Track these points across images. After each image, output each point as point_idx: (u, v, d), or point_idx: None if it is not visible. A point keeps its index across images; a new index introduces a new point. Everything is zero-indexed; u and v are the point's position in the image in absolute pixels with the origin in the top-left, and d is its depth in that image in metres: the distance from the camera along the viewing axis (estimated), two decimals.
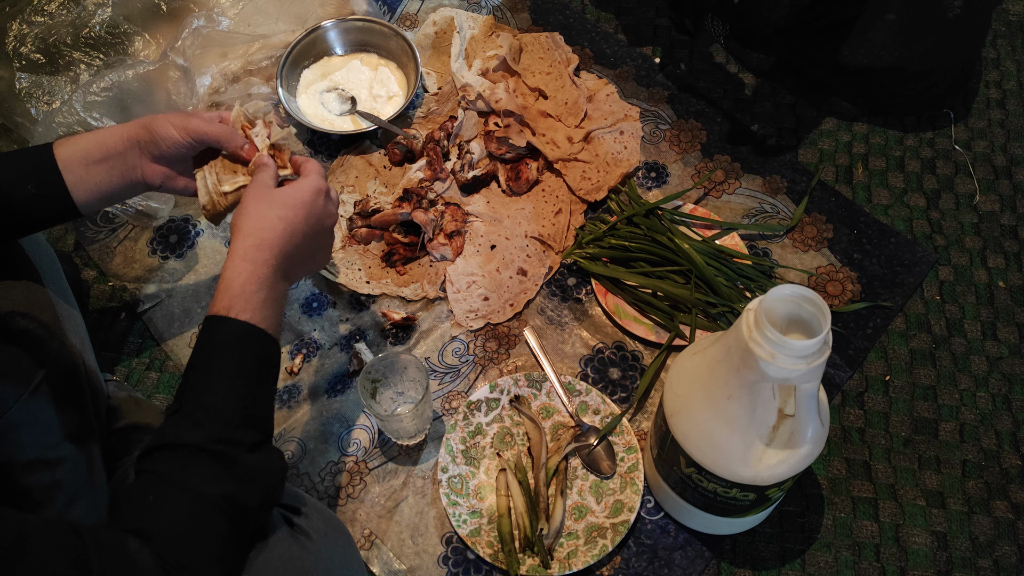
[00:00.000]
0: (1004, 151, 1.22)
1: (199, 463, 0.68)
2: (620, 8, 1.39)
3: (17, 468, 0.80)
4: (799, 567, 0.95)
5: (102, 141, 0.85)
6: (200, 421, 0.70)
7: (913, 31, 1.14)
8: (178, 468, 0.68)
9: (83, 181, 0.84)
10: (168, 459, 0.69)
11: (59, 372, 0.86)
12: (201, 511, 0.67)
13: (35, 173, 0.83)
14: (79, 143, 0.85)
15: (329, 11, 1.34)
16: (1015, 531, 0.96)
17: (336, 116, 1.26)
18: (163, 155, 0.87)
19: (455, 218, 1.16)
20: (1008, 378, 1.05)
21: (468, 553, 0.96)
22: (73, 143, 0.84)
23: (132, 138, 0.86)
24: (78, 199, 0.84)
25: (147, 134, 0.86)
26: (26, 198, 0.82)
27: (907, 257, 1.13)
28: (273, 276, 0.78)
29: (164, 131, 0.85)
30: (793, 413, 0.75)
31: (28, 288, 0.88)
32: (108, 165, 0.85)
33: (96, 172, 0.84)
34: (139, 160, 0.87)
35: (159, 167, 0.88)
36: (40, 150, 0.84)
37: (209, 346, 0.75)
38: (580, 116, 1.24)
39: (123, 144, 0.86)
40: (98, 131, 0.87)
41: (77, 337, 0.91)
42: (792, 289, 0.71)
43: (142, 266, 1.19)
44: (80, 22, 1.28)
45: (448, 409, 1.06)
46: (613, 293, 1.11)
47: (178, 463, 0.68)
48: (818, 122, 1.26)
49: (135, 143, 0.86)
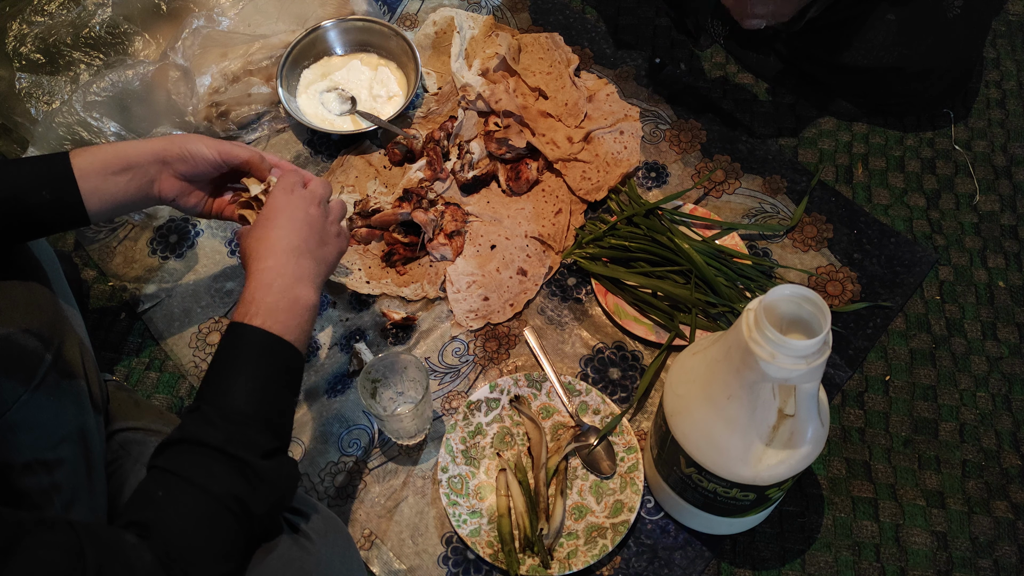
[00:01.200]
0: (1004, 151, 1.22)
1: (212, 462, 0.69)
2: (620, 8, 1.39)
3: (15, 469, 0.80)
4: (799, 567, 0.95)
5: (124, 154, 0.87)
6: (216, 421, 0.71)
7: (913, 31, 1.14)
8: (190, 465, 0.69)
9: (98, 191, 0.85)
10: (181, 456, 0.69)
11: (59, 372, 0.86)
12: (208, 510, 0.67)
13: (51, 180, 0.84)
14: (97, 154, 0.86)
15: (329, 11, 1.34)
16: (1015, 531, 0.96)
17: (336, 116, 1.26)
18: (188, 172, 0.90)
19: (455, 218, 1.16)
20: (1008, 378, 1.05)
21: (468, 553, 0.96)
22: (91, 153, 0.86)
23: (158, 153, 0.88)
24: (91, 208, 0.85)
25: (177, 150, 0.89)
26: (40, 204, 0.83)
27: (907, 257, 1.13)
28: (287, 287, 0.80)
29: (196, 148, 0.89)
30: (793, 413, 0.75)
31: (29, 288, 0.88)
32: (127, 177, 0.87)
33: (114, 183, 0.86)
34: (160, 175, 0.89)
35: (177, 182, 0.91)
36: (56, 158, 0.85)
37: (232, 349, 0.76)
38: (580, 117, 1.24)
39: (146, 158, 0.88)
40: (119, 143, 0.89)
41: (77, 337, 0.91)
42: (792, 289, 0.71)
43: (142, 266, 1.19)
44: (80, 22, 1.27)
45: (448, 409, 1.06)
46: (613, 293, 1.11)
47: (191, 460, 0.69)
48: (818, 122, 1.26)
49: (160, 158, 0.88)
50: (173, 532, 0.65)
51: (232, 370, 0.75)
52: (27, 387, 0.82)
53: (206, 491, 0.67)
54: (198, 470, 0.68)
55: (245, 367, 0.75)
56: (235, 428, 0.71)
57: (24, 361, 0.83)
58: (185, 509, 0.67)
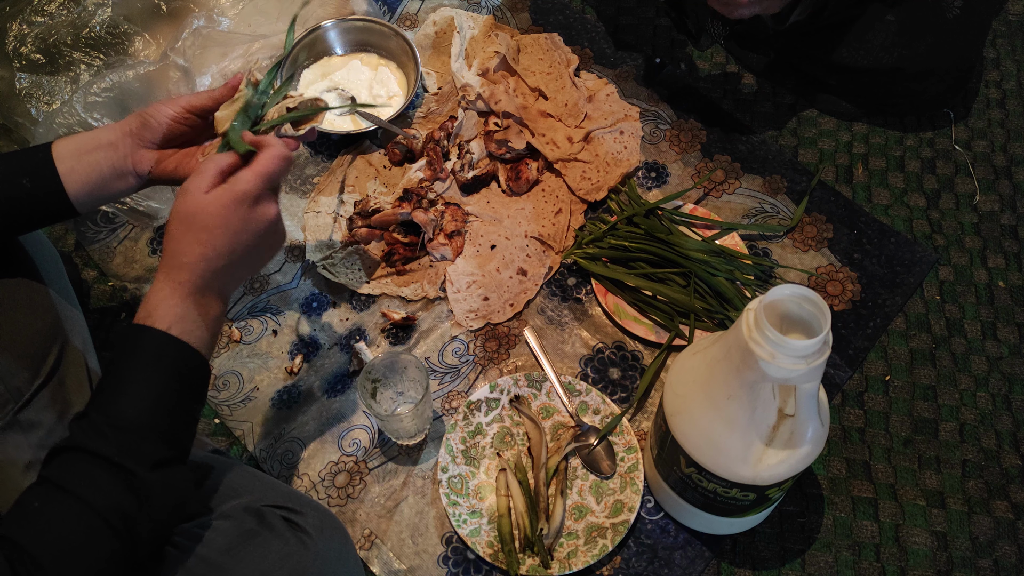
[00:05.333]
0: (1004, 151, 1.22)
1: (96, 472, 0.65)
2: (620, 8, 1.39)
3: (18, 469, 0.80)
4: (799, 567, 0.95)
5: (97, 134, 0.86)
6: (104, 429, 0.67)
7: (913, 31, 1.14)
8: (73, 475, 0.65)
9: (74, 171, 0.83)
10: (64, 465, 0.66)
11: (62, 373, 0.86)
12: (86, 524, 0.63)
13: (31, 168, 0.83)
14: (75, 137, 0.85)
15: (329, 11, 1.34)
16: (1015, 531, 0.96)
17: (336, 116, 1.26)
18: (157, 138, 0.87)
19: (455, 218, 1.16)
20: (1008, 378, 1.05)
21: (468, 553, 0.96)
22: (70, 138, 0.85)
23: (126, 128, 0.86)
24: (71, 191, 0.83)
25: (139, 119, 0.86)
26: (22, 193, 0.82)
27: (907, 257, 1.13)
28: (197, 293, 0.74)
29: (157, 109, 0.86)
30: (793, 413, 0.75)
31: (31, 288, 0.88)
32: (99, 155, 0.84)
33: (87, 161, 0.84)
34: (131, 149, 0.86)
35: (149, 152, 0.87)
36: (38, 147, 0.84)
37: (128, 352, 0.71)
38: (580, 117, 1.24)
39: (116, 135, 0.86)
40: (98, 128, 0.88)
41: (79, 338, 0.91)
42: (792, 289, 0.71)
43: (142, 266, 1.19)
44: (80, 22, 1.27)
45: (448, 409, 1.06)
46: (613, 293, 1.11)
47: (74, 470, 0.65)
48: (818, 122, 1.26)
49: (128, 133, 0.86)
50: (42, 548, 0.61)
51: (126, 374, 0.70)
52: (30, 388, 0.83)
53: (86, 504, 0.63)
54: (80, 480, 0.64)
55: (141, 371, 0.70)
56: (122, 436, 0.66)
57: (26, 362, 0.83)
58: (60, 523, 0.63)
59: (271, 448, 1.04)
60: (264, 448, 1.04)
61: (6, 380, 0.81)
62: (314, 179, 1.25)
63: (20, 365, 0.82)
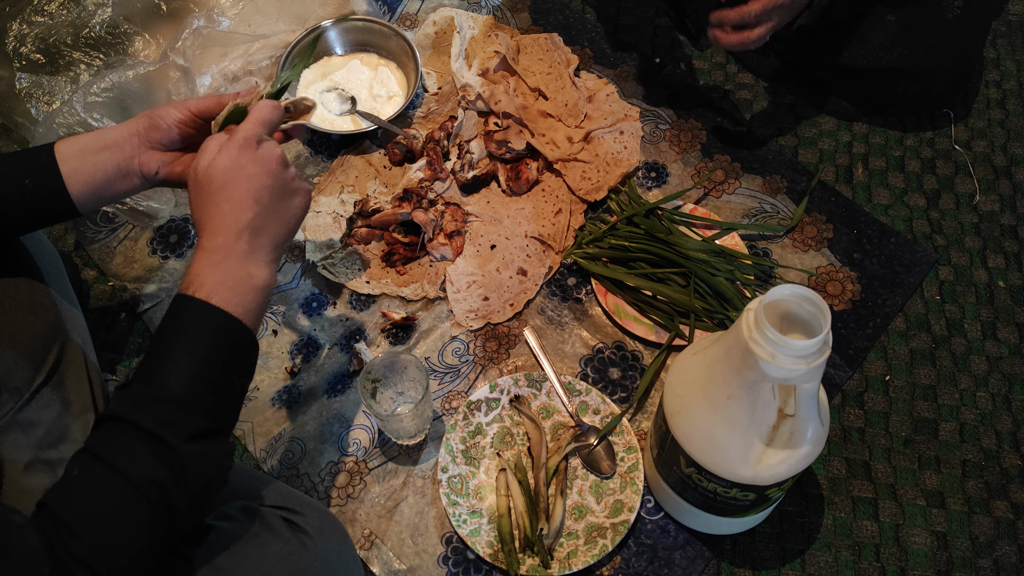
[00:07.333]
0: (1004, 151, 1.22)
1: (130, 442, 0.65)
2: (620, 8, 1.39)
3: (18, 468, 0.80)
4: (799, 567, 0.95)
5: (102, 135, 0.86)
6: (141, 399, 0.66)
7: (913, 31, 1.14)
8: (112, 446, 0.65)
9: (78, 172, 0.83)
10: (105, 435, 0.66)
11: (62, 372, 0.86)
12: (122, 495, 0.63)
13: (34, 168, 0.83)
14: (79, 138, 0.85)
15: (329, 11, 1.34)
16: (1015, 531, 0.96)
17: (336, 116, 1.26)
18: (163, 139, 0.87)
19: (455, 218, 1.16)
20: (1008, 378, 1.05)
21: (468, 553, 0.96)
22: (73, 139, 0.85)
23: (132, 129, 0.86)
24: (73, 191, 0.83)
25: (146, 120, 0.86)
26: (24, 193, 0.82)
27: (907, 257, 1.13)
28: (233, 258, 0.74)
29: (164, 112, 0.86)
30: (793, 413, 0.75)
31: (31, 288, 0.88)
32: (105, 155, 0.84)
33: (91, 162, 0.84)
34: (137, 150, 0.86)
35: (156, 154, 0.87)
36: (41, 148, 0.84)
37: (172, 322, 0.71)
38: (580, 117, 1.24)
39: (122, 135, 0.86)
40: (101, 128, 0.88)
41: (79, 337, 0.92)
42: (792, 289, 0.71)
43: (142, 266, 1.19)
44: (80, 22, 1.28)
45: (448, 409, 1.06)
46: (613, 293, 1.11)
47: (113, 440, 0.65)
48: (818, 122, 1.26)
49: (135, 133, 0.86)
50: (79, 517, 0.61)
51: (170, 345, 0.70)
52: (30, 387, 0.83)
53: (122, 474, 0.63)
54: (116, 450, 0.64)
55: (183, 341, 0.69)
56: (161, 407, 0.66)
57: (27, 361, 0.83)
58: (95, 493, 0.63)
59: (271, 448, 1.04)
60: (264, 448, 1.04)
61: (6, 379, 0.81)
62: (314, 179, 1.25)
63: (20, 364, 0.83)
